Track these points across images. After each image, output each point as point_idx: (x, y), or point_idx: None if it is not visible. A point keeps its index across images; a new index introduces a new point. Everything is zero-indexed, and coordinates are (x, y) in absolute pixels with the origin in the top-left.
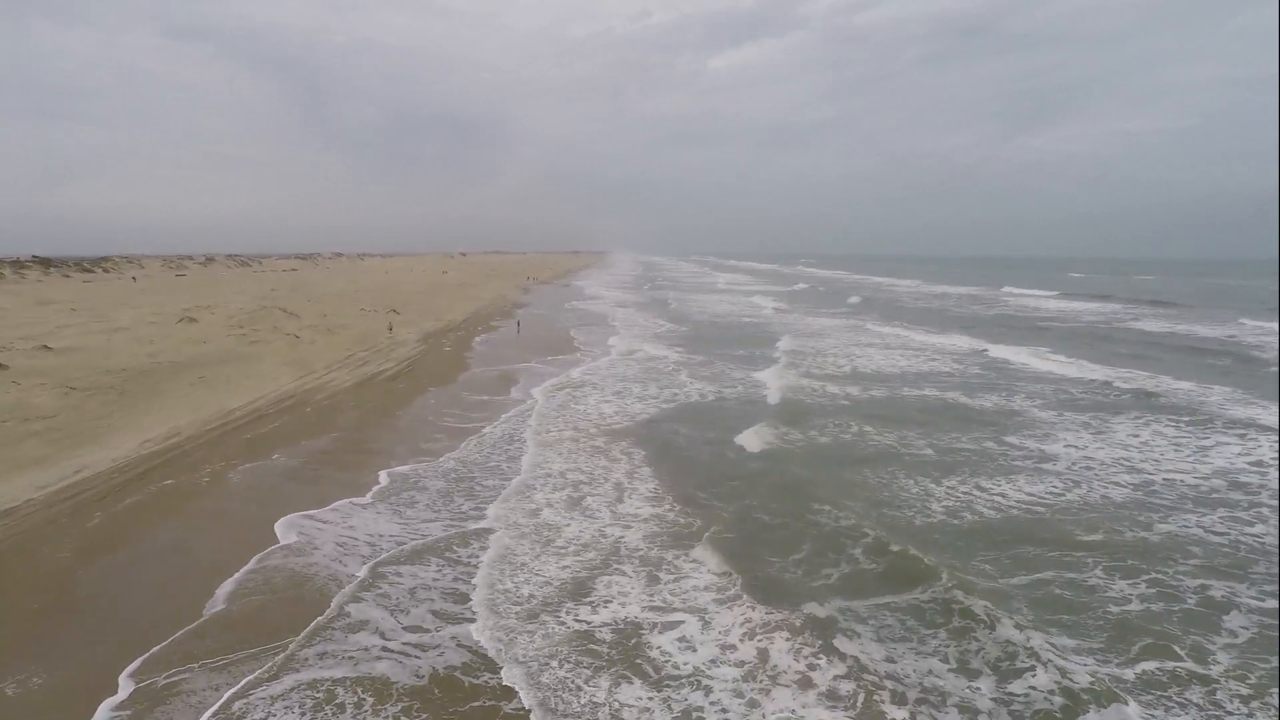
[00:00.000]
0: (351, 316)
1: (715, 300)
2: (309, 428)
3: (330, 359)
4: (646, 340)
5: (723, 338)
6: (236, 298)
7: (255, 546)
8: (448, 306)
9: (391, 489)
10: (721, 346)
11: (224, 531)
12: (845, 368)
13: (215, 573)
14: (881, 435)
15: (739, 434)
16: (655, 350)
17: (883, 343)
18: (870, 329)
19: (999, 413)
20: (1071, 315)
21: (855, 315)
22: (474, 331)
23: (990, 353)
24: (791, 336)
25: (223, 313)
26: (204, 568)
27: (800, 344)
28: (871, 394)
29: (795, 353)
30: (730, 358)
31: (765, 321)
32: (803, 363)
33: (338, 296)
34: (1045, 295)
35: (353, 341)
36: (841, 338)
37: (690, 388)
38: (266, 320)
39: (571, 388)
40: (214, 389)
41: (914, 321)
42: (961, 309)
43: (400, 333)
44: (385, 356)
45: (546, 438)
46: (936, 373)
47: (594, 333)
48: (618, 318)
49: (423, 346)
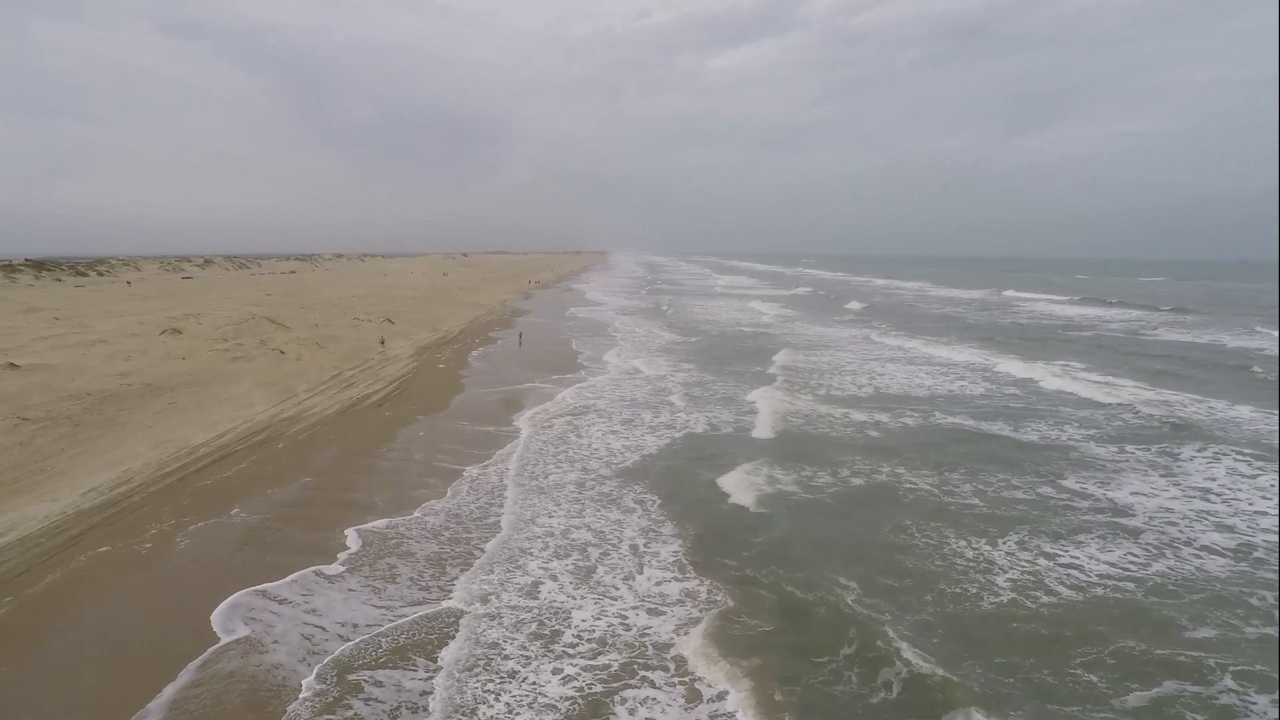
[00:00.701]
0: (344, 327)
1: (717, 307)
2: (278, 470)
3: (315, 379)
4: (648, 355)
5: (726, 350)
6: (228, 304)
7: (200, 642)
8: (445, 315)
9: (367, 554)
10: (725, 362)
11: (162, 623)
12: (864, 389)
13: (143, 689)
14: (918, 477)
15: (743, 479)
16: (656, 368)
17: (899, 357)
18: (883, 341)
19: (1049, 448)
20: (1091, 324)
21: (864, 324)
22: (471, 344)
23: (1019, 370)
24: (800, 350)
25: (210, 323)
26: (129, 681)
27: (810, 360)
28: (901, 422)
29: (806, 371)
30: (734, 375)
31: (771, 332)
32: (817, 383)
33: (332, 303)
34: (1058, 300)
35: (342, 357)
36: (853, 352)
37: (693, 417)
38: (253, 332)
39: (571, 415)
40: (182, 418)
41: (927, 331)
42: (975, 317)
43: (394, 345)
44: (375, 375)
45: (544, 482)
46: (966, 395)
47: (596, 343)
48: (619, 327)
49: (415, 363)
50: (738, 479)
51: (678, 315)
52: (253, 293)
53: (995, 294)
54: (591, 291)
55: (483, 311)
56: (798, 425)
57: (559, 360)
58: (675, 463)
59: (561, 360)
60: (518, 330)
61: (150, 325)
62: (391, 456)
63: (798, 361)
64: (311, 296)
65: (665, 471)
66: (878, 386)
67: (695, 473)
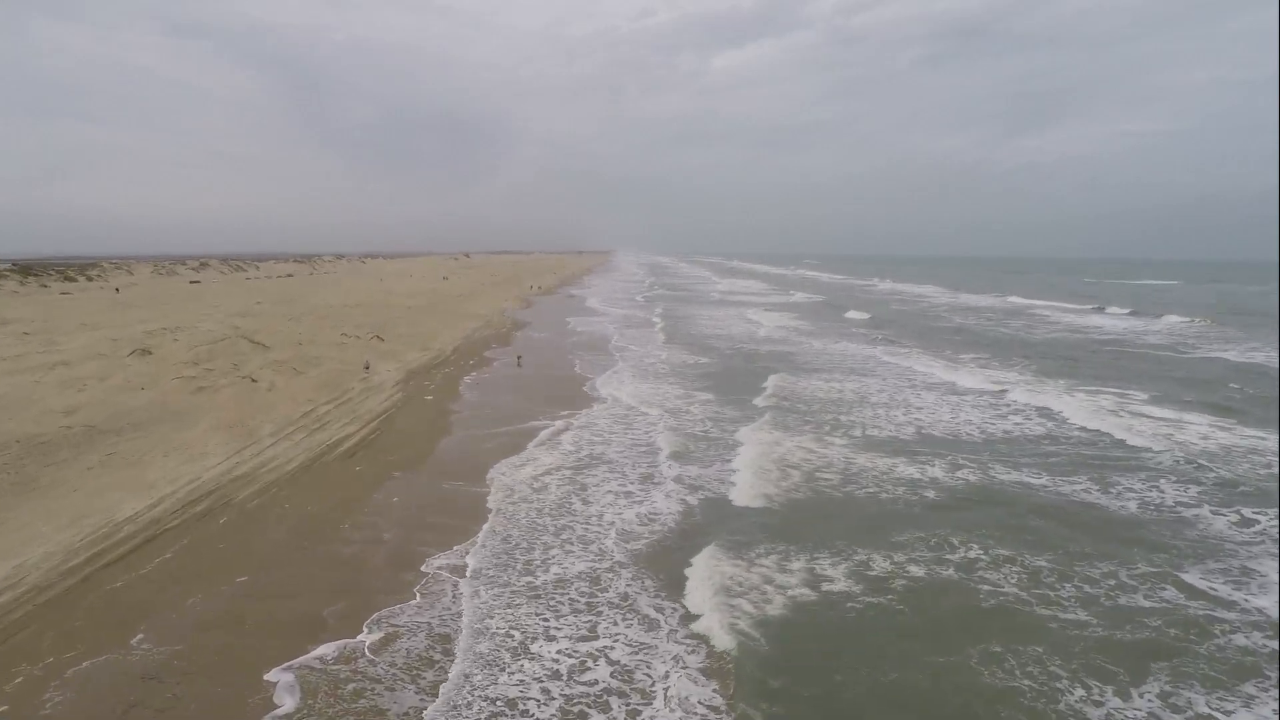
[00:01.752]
0: (328, 345)
1: (725, 317)
2: (209, 563)
3: (284, 416)
4: (655, 379)
5: (739, 373)
6: (215, 314)
7: None
8: (439, 328)
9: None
10: (738, 389)
11: None
12: (904, 429)
13: None
14: (998, 571)
15: (760, 578)
16: (665, 398)
17: (933, 384)
18: (910, 365)
19: (1152, 520)
20: (1124, 338)
21: (883, 340)
22: (464, 367)
23: (1076, 405)
24: (819, 375)
25: (186, 340)
26: None
27: (834, 388)
28: (959, 478)
29: (833, 404)
30: (750, 409)
31: (784, 350)
32: (848, 421)
33: (322, 314)
34: (1077, 309)
35: (320, 385)
36: (881, 378)
37: (704, 474)
38: (229, 354)
39: (573, 469)
40: (117, 477)
41: (952, 348)
42: (999, 330)
43: (380, 368)
44: (352, 411)
45: (536, 579)
46: (1026, 439)
47: (599, 364)
48: (624, 345)
49: (400, 393)
50: (764, 573)
51: (684, 328)
52: (243, 300)
53: (1007, 300)
54: (594, 299)
55: (480, 324)
56: (833, 483)
57: (559, 387)
58: (686, 540)
59: (562, 387)
60: (515, 347)
61: (122, 343)
62: (354, 538)
63: (820, 391)
64: (302, 305)
65: (673, 553)
66: (919, 426)
67: (676, 557)
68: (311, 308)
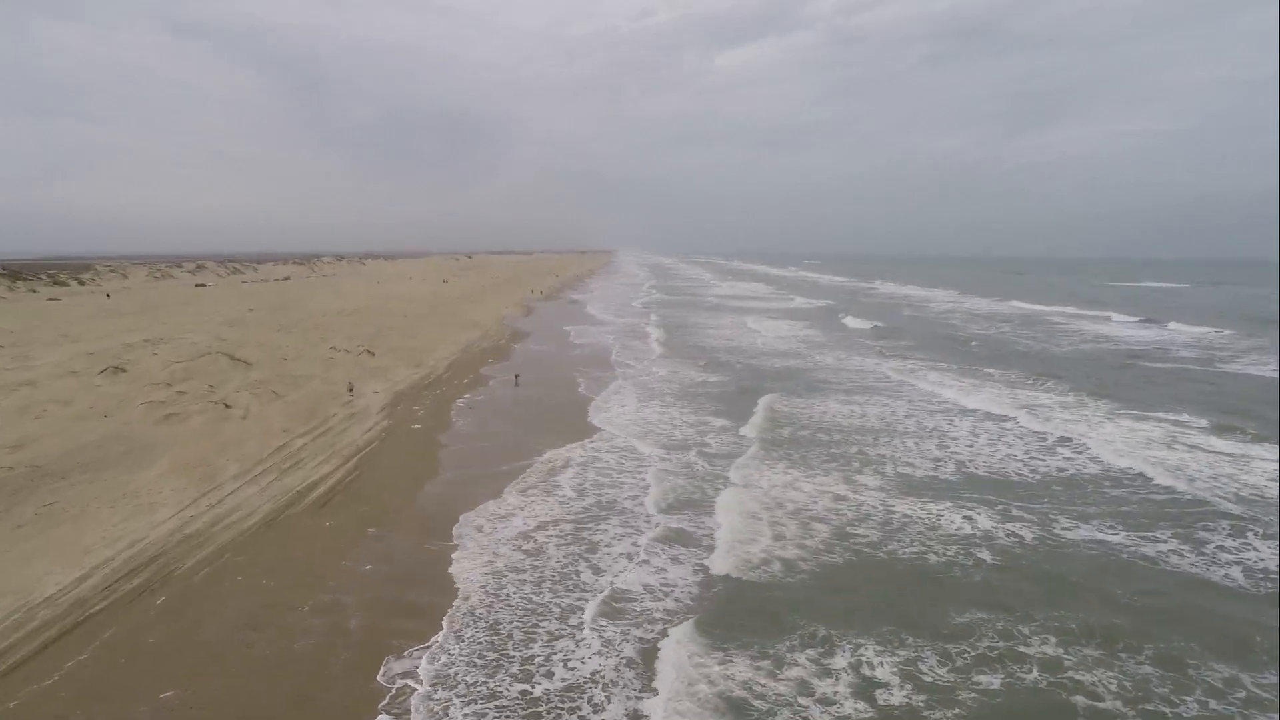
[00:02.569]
0: (314, 362)
1: (732, 328)
2: (131, 668)
3: (254, 453)
4: (662, 403)
5: (745, 392)
6: (201, 324)
7: None
8: (435, 340)
9: None
10: (743, 414)
11: None
12: (943, 466)
13: None
14: (1091, 672)
15: (789, 689)
16: (675, 426)
17: (965, 408)
18: (935, 385)
19: (1261, 594)
20: (1152, 349)
21: (898, 353)
22: (458, 387)
23: (1128, 435)
24: (839, 395)
25: (166, 355)
26: None
27: (854, 412)
28: (1013, 533)
29: (857, 433)
30: (765, 441)
31: (797, 366)
32: (878, 455)
33: (314, 323)
34: (1094, 315)
35: (298, 412)
36: (905, 400)
37: (698, 539)
38: (207, 373)
39: (575, 522)
40: (51, 536)
41: (976, 363)
42: (1021, 341)
43: (367, 389)
44: (330, 446)
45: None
46: (1084, 479)
47: (601, 381)
48: (628, 359)
49: (386, 422)
50: (794, 682)
51: (688, 339)
52: (236, 306)
53: (1018, 305)
54: (594, 305)
55: (478, 334)
56: (869, 540)
57: (558, 412)
58: (669, 622)
59: (561, 412)
60: (513, 363)
61: (98, 357)
62: (313, 626)
63: (840, 416)
64: (295, 312)
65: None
66: (959, 462)
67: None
68: (304, 315)
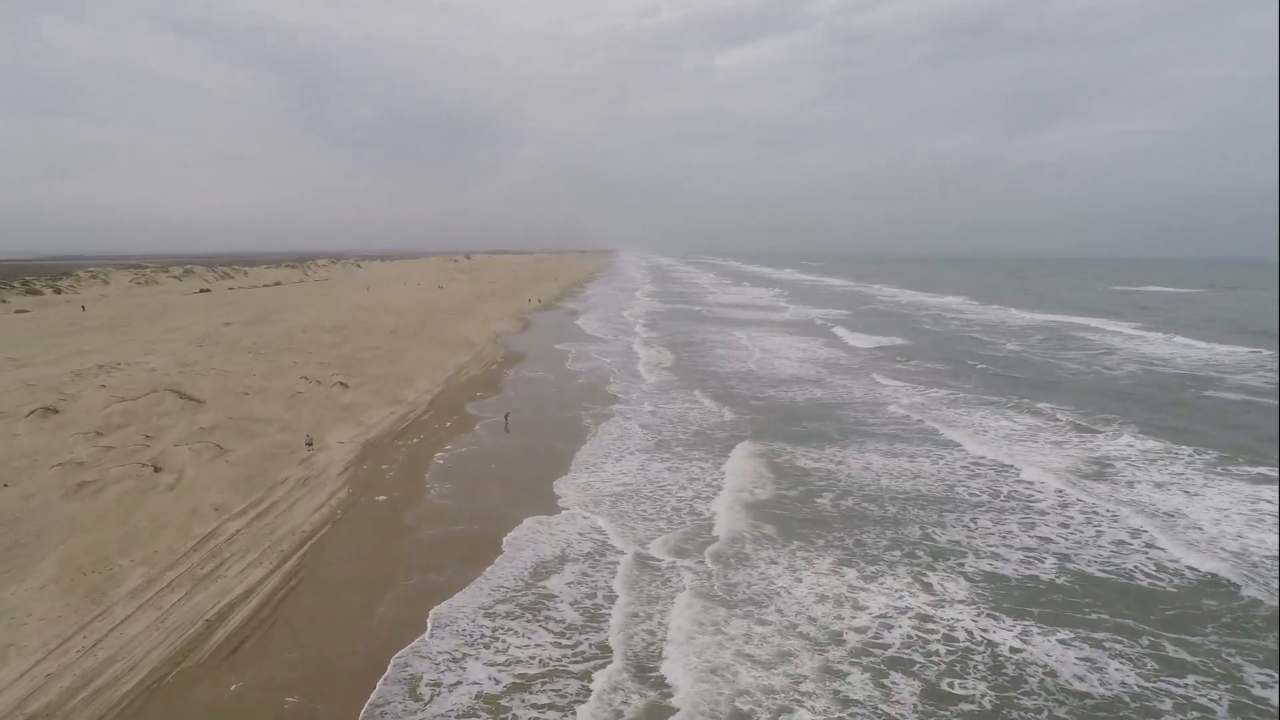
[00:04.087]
0: (279, 398)
1: (740, 344)
2: None
3: (169, 546)
4: (675, 456)
5: (768, 434)
6: (168, 342)
7: None
8: (421, 364)
9: None
10: (778, 473)
11: None
12: (1036, 559)
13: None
14: None
15: None
16: (673, 500)
17: (1029, 456)
18: (982, 421)
19: None
20: (1215, 374)
21: (930, 378)
22: (440, 432)
23: (1256, 494)
24: (876, 442)
25: (114, 388)
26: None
27: (901, 468)
28: (1177, 695)
29: (908, 501)
30: (793, 508)
31: (816, 397)
32: (949, 536)
33: (290, 342)
34: (1125, 328)
35: (242, 478)
36: (959, 449)
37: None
38: (150, 417)
39: (540, 683)
40: None
41: (1025, 393)
42: (1062, 361)
43: (331, 437)
44: (270, 532)
45: None
46: (1231, 586)
47: (597, 414)
48: (622, 387)
49: (347, 490)
50: None
51: (697, 362)
52: (214, 318)
53: (1043, 316)
54: (594, 318)
55: (469, 357)
56: (983, 711)
57: (549, 470)
58: None
59: (554, 469)
60: (504, 395)
61: (38, 391)
62: None
63: (888, 476)
64: (274, 328)
65: None
66: (1060, 555)
67: None
68: (282, 331)
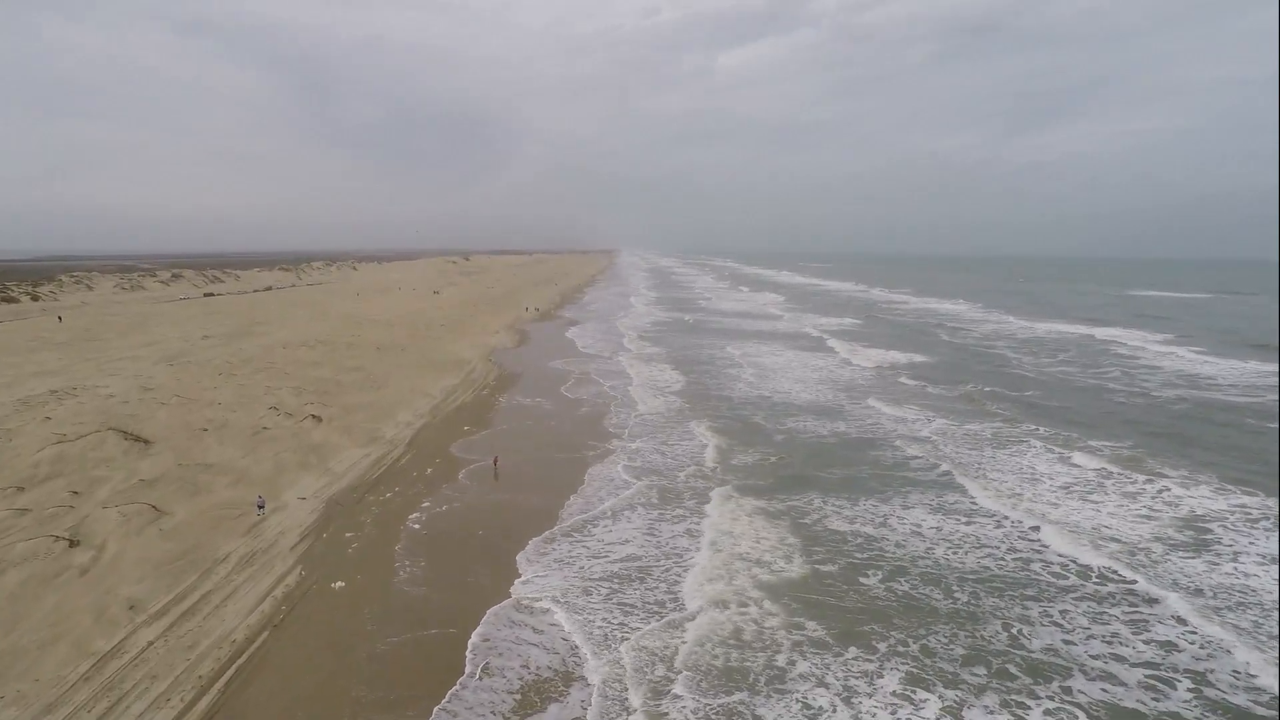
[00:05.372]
0: (241, 435)
1: (748, 362)
2: None
3: (53, 675)
4: (677, 508)
5: (798, 484)
6: (136, 362)
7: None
8: (405, 391)
9: None
10: (795, 545)
11: None
12: (1161, 694)
13: None
14: None
15: None
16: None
17: (1107, 528)
18: (1040, 466)
19: None
20: (1268, 401)
21: (965, 403)
22: (419, 483)
23: None
24: (918, 495)
25: (59, 420)
26: None
27: (952, 532)
28: None
29: (980, 583)
30: (852, 603)
31: (840, 429)
32: (1042, 645)
33: (267, 360)
34: (1158, 343)
35: (174, 555)
36: (1021, 507)
37: None
38: (83, 466)
39: None
40: None
41: (1067, 422)
42: (1101, 381)
43: (289, 493)
44: (197, 638)
45: None
46: None
47: (596, 453)
48: (626, 419)
49: (298, 572)
50: None
51: (705, 382)
52: (193, 329)
53: (1064, 328)
54: (595, 330)
55: (459, 379)
56: None
57: (539, 528)
58: None
59: (544, 523)
60: (497, 422)
61: None
62: None
63: (945, 547)
64: (254, 342)
65: None
66: (1196, 678)
67: None
68: (261, 348)
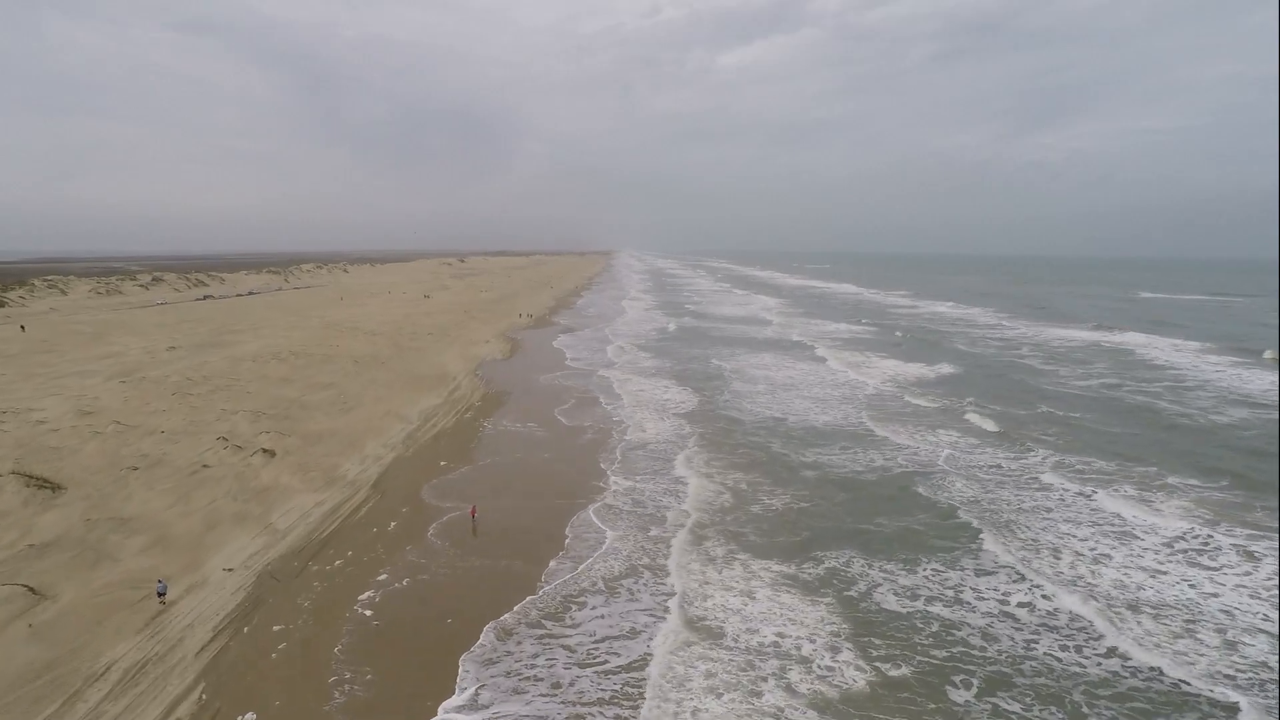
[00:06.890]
0: (178, 474)
1: (762, 377)
2: None
3: None
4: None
5: (818, 538)
6: (80, 380)
7: None
8: (376, 416)
9: None
10: (840, 631)
11: None
12: None
13: None
14: None
15: None
16: None
17: (1234, 609)
18: (1104, 516)
19: None
20: None
21: (1012, 433)
22: (380, 542)
23: None
24: (1000, 567)
25: None
26: None
27: (1029, 600)
28: None
29: (1061, 679)
30: None
31: (874, 460)
32: None
33: (232, 377)
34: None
35: (35, 665)
36: (1100, 575)
37: None
38: None
39: None
40: None
41: (1128, 455)
42: (1151, 399)
43: (215, 559)
44: None
45: None
46: None
47: (586, 494)
48: (623, 464)
49: (201, 690)
50: None
51: (714, 402)
52: (160, 340)
53: (1086, 337)
54: (591, 342)
55: (440, 400)
56: None
57: (508, 604)
58: None
59: (518, 593)
60: (479, 455)
61: None
62: None
63: (1045, 639)
64: (222, 354)
65: None
66: None
67: None
68: (227, 362)
